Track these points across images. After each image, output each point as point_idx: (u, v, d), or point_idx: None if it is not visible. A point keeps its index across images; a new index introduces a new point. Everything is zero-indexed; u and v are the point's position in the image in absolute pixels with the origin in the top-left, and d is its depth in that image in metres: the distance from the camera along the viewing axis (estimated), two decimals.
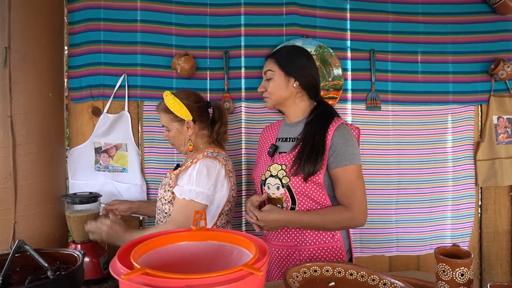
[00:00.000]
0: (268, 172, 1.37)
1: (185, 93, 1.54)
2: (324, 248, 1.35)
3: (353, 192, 1.28)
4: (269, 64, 1.40)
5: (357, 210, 1.28)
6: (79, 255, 1.08)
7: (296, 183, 1.31)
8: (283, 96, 1.39)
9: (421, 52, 2.05)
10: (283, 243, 1.37)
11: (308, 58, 1.43)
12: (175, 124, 1.51)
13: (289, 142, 1.40)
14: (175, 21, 1.92)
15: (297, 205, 1.32)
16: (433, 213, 2.06)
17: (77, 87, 1.90)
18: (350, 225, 1.33)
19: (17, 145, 1.63)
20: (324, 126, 1.32)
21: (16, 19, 1.64)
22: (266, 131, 1.57)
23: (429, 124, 2.05)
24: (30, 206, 1.67)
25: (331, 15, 2.00)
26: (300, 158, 1.29)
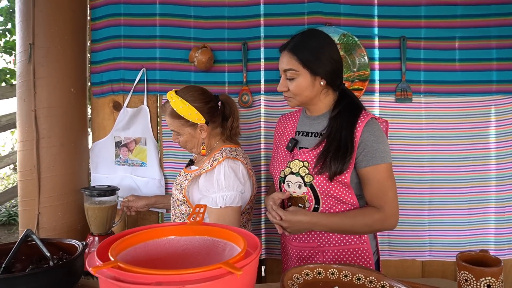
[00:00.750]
0: (288, 169, 1.27)
1: (192, 94, 1.39)
2: (350, 250, 1.26)
3: (385, 193, 1.19)
4: (289, 62, 1.22)
5: (389, 212, 1.18)
6: (79, 245, 1.08)
7: (320, 182, 1.20)
8: (309, 96, 1.25)
9: (459, 38, 1.85)
10: (305, 244, 1.28)
11: (330, 44, 1.26)
12: (187, 129, 1.40)
13: (311, 137, 1.30)
14: (194, 14, 1.89)
15: (321, 205, 1.23)
16: (472, 215, 1.86)
17: (98, 82, 1.93)
18: (381, 228, 1.23)
19: (41, 138, 1.69)
20: (351, 122, 1.21)
21: (40, 16, 1.69)
22: (282, 122, 1.45)
23: (468, 117, 1.85)
24: (53, 198, 1.72)
25: (357, 1, 1.86)
26: (326, 156, 1.19)
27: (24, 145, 1.72)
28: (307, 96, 1.25)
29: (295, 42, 1.24)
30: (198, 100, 1.37)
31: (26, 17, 1.69)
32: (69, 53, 1.77)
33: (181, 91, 1.41)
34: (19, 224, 1.78)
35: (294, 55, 1.21)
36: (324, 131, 1.25)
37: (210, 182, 1.32)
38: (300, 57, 1.20)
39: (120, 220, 1.77)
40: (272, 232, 1.91)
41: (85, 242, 1.10)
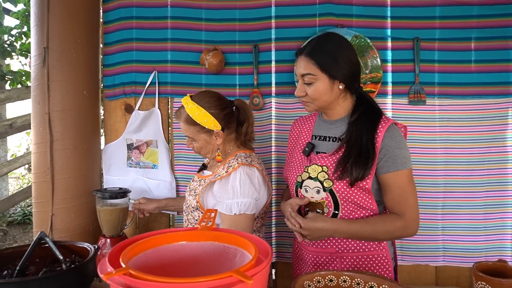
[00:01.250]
0: (306, 174, 1.25)
1: (208, 100, 1.37)
2: (368, 256, 1.24)
3: (406, 199, 1.17)
4: (307, 66, 1.20)
5: (410, 219, 1.17)
6: (91, 248, 1.09)
7: (341, 188, 1.19)
8: (328, 101, 1.23)
9: (475, 38, 1.81)
10: (322, 250, 1.26)
11: (348, 47, 1.24)
12: (203, 136, 1.38)
13: (329, 141, 1.28)
14: (205, 17, 1.89)
15: (340, 211, 1.21)
16: (488, 220, 1.81)
17: (110, 84, 1.95)
18: (403, 235, 1.21)
19: (54, 141, 1.71)
20: (372, 127, 1.19)
21: (54, 20, 1.72)
22: (298, 126, 1.43)
23: (484, 119, 1.81)
24: (66, 200, 1.74)
25: (369, 2, 1.84)
26: (346, 161, 1.17)
27: (38, 147, 1.74)
28: (325, 100, 1.23)
29: (311, 46, 1.22)
30: (214, 107, 1.35)
31: (41, 21, 1.71)
32: (82, 56, 1.78)
33: (197, 96, 1.39)
34: (33, 225, 1.80)
35: (311, 59, 1.19)
36: (343, 136, 1.23)
37: (225, 188, 1.31)
38: (317, 61, 1.18)
39: (132, 222, 1.78)
40: (283, 235, 1.90)
41: (97, 246, 1.11)
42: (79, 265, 0.98)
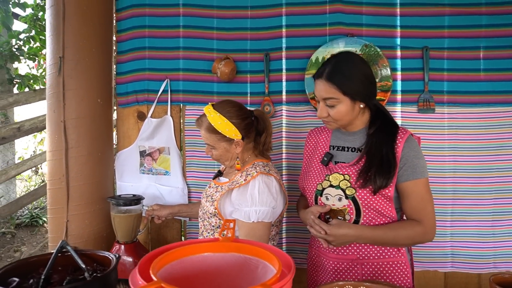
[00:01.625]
0: (327, 182, 1.29)
1: (230, 110, 1.40)
2: (388, 263, 1.28)
3: (425, 206, 1.24)
4: (329, 91, 1.23)
5: (429, 225, 1.24)
6: (113, 258, 1.11)
7: (363, 195, 1.24)
8: (350, 120, 1.29)
9: (484, 48, 1.83)
10: (343, 256, 1.30)
11: (365, 66, 1.29)
12: (223, 144, 1.41)
13: (348, 151, 1.33)
14: (216, 26, 1.92)
15: (362, 218, 1.26)
16: (496, 227, 1.83)
17: (123, 92, 1.98)
18: (422, 241, 1.27)
19: (69, 148, 1.74)
20: (391, 138, 1.25)
21: (69, 30, 1.75)
22: (314, 136, 1.47)
23: (493, 127, 1.83)
24: (80, 206, 1.77)
25: (379, 12, 1.86)
26: (369, 170, 1.23)
27: (54, 154, 1.77)
28: (348, 120, 1.28)
29: (331, 70, 1.24)
30: (235, 117, 1.39)
31: (57, 31, 1.75)
32: (96, 65, 1.82)
33: (219, 106, 1.42)
34: (49, 231, 1.83)
35: (333, 84, 1.23)
36: (362, 146, 1.29)
37: (244, 196, 1.34)
38: (339, 86, 1.22)
39: (145, 228, 1.81)
40: (293, 241, 1.93)
41: (118, 255, 1.13)
42: (104, 274, 1.00)
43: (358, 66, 1.26)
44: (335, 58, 1.29)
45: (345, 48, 1.85)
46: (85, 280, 0.99)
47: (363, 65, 1.28)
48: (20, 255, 3.96)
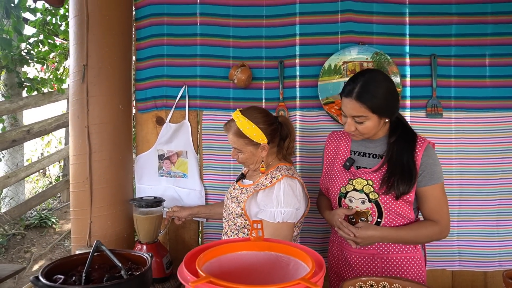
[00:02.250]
0: (350, 186, 1.40)
1: (257, 115, 1.48)
2: (406, 258, 1.40)
3: (441, 208, 1.38)
4: (359, 110, 1.32)
5: (444, 224, 1.38)
6: (148, 257, 1.19)
7: (386, 200, 1.36)
8: (375, 132, 1.40)
9: (490, 55, 1.92)
10: (364, 251, 1.41)
11: (390, 83, 1.38)
12: (250, 148, 1.49)
13: (369, 157, 1.43)
14: (233, 34, 2.00)
15: (383, 219, 1.38)
16: (501, 227, 1.91)
17: (143, 98, 2.06)
18: (438, 238, 1.41)
19: (93, 152, 1.81)
20: (411, 147, 1.37)
21: (93, 39, 1.82)
22: (334, 140, 1.55)
23: (498, 131, 1.91)
24: (103, 208, 1.84)
25: (389, 21, 1.95)
26: (392, 177, 1.34)
27: (77, 158, 1.84)
28: (373, 133, 1.39)
29: (360, 90, 1.32)
30: (262, 122, 1.47)
31: (81, 40, 1.82)
32: (118, 72, 1.89)
33: (247, 112, 1.50)
34: (72, 231, 1.90)
35: (363, 104, 1.31)
36: (383, 153, 1.41)
37: (269, 198, 1.42)
38: (368, 105, 1.31)
39: (166, 229, 1.88)
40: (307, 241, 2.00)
41: (151, 254, 1.21)
42: (142, 272, 1.07)
43: (384, 84, 1.35)
44: (362, 77, 1.35)
45: (357, 56, 1.93)
46: (126, 278, 1.06)
47: (388, 82, 1.37)
48: (31, 256, 4.02)
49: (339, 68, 1.94)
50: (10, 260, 3.90)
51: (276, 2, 1.99)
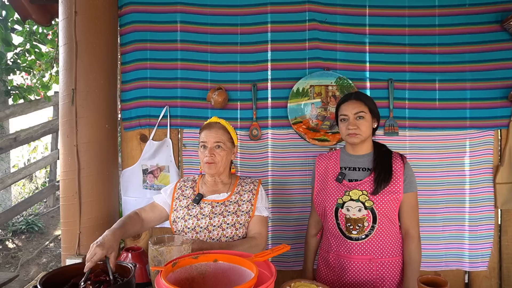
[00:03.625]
0: (347, 197, 1.60)
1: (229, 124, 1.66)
2: (396, 261, 1.62)
3: (414, 214, 1.63)
4: (360, 106, 1.61)
5: (417, 232, 1.64)
6: (131, 267, 1.37)
7: (380, 207, 1.56)
8: (368, 135, 1.63)
9: (439, 80, 2.16)
10: (363, 257, 1.59)
11: None
12: (229, 145, 1.61)
13: (359, 171, 1.65)
14: (210, 59, 2.20)
15: (377, 224, 1.57)
16: (447, 231, 2.16)
17: (128, 117, 2.23)
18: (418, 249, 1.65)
19: (81, 169, 1.98)
20: (388, 156, 1.64)
21: (81, 65, 1.99)
22: (323, 161, 1.75)
23: (446, 148, 2.16)
24: (91, 219, 2.01)
25: (351, 49, 2.17)
26: (377, 179, 1.58)
27: (67, 174, 2.01)
28: (367, 134, 1.63)
29: (358, 93, 1.67)
30: (233, 129, 1.67)
31: (70, 66, 1.98)
32: (104, 94, 2.06)
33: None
34: (62, 241, 2.07)
35: (362, 102, 1.62)
36: (370, 166, 1.64)
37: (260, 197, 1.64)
38: (366, 103, 1.62)
39: None
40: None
41: (135, 263, 1.39)
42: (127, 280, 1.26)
43: (371, 98, 1.68)
44: (355, 92, 1.72)
45: (323, 80, 2.15)
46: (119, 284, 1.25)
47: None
48: (18, 261, 4.12)
49: (307, 91, 2.16)
50: None
51: (250, 30, 2.19)
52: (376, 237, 1.58)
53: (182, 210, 1.62)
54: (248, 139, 2.19)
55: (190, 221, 1.59)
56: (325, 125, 2.17)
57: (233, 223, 1.57)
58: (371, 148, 1.69)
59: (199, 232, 1.58)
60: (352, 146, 1.68)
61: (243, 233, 1.59)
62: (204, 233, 1.57)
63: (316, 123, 2.17)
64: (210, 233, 1.57)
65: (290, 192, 2.19)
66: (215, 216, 1.58)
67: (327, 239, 1.70)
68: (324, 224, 1.72)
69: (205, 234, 1.57)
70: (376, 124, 1.67)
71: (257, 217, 1.60)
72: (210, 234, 1.57)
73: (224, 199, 1.61)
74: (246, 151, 2.20)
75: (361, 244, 1.59)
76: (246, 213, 1.59)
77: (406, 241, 1.63)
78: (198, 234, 1.58)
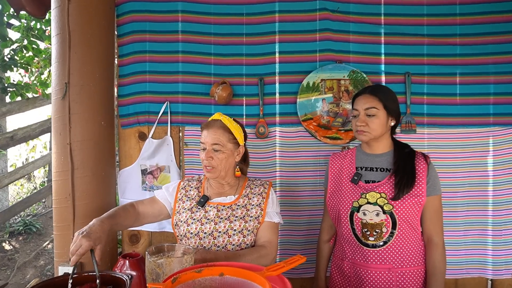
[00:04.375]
0: (364, 200, 1.46)
1: (233, 119, 1.49)
2: (417, 271, 1.47)
3: (438, 219, 1.48)
4: (372, 101, 1.46)
5: (441, 239, 1.48)
6: (127, 279, 1.23)
7: (400, 210, 1.42)
8: (382, 132, 1.48)
9: (460, 74, 2.01)
10: (381, 265, 1.45)
11: (395, 96, 1.54)
12: (230, 146, 1.43)
13: (377, 171, 1.50)
14: (214, 51, 2.05)
15: (397, 230, 1.43)
16: (468, 236, 2.01)
17: (125, 114, 2.09)
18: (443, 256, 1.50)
19: (75, 169, 1.84)
20: (411, 157, 1.49)
21: (74, 57, 1.84)
22: (337, 160, 1.61)
23: (467, 147, 2.01)
24: (86, 223, 1.82)
25: (365, 40, 2.02)
26: (399, 184, 1.42)
27: (60, 175, 1.87)
28: (380, 132, 1.48)
29: (373, 88, 1.51)
30: (239, 125, 1.48)
31: (62, 58, 1.84)
32: (99, 89, 1.91)
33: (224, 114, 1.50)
34: (55, 246, 1.93)
35: (376, 97, 1.47)
36: (390, 167, 1.49)
37: (271, 202, 1.48)
38: (380, 98, 1.47)
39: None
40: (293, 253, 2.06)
41: (131, 275, 1.25)
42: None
43: (391, 91, 1.52)
44: (373, 85, 1.58)
45: (335, 74, 2.00)
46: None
47: (395, 95, 1.54)
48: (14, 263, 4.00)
49: (317, 86, 2.01)
50: None
51: (257, 20, 2.04)
52: (396, 244, 1.43)
53: (185, 213, 1.48)
54: (255, 137, 2.04)
55: (194, 225, 1.45)
56: (337, 122, 2.02)
57: (240, 229, 1.42)
58: (390, 146, 1.54)
59: (202, 238, 1.43)
60: (368, 144, 1.53)
61: (252, 241, 1.44)
62: (208, 239, 1.42)
63: (327, 120, 2.02)
64: (215, 240, 1.42)
65: (300, 194, 2.05)
66: (220, 221, 1.43)
67: (341, 245, 1.55)
68: (338, 229, 1.57)
69: (209, 241, 1.42)
70: (394, 122, 1.51)
71: (267, 224, 1.45)
72: (215, 241, 1.42)
73: (231, 202, 1.46)
74: (252, 150, 2.05)
75: (379, 252, 1.44)
76: (255, 219, 1.44)
77: (429, 249, 1.48)
78: (201, 240, 1.43)
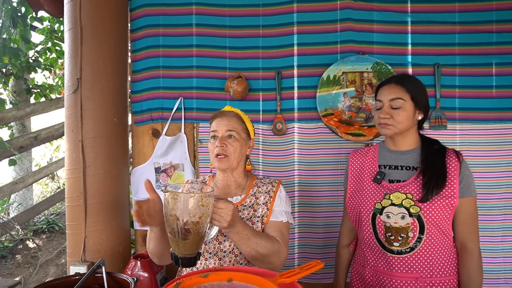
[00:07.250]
0: (387, 201, 1.33)
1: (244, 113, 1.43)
2: (450, 281, 1.32)
3: (473, 223, 1.33)
4: (398, 92, 1.33)
5: (477, 245, 1.33)
6: (131, 282, 1.16)
7: (429, 214, 1.28)
8: (408, 126, 1.35)
9: (496, 64, 1.84)
10: (408, 274, 1.32)
11: (425, 88, 1.40)
12: (244, 136, 1.37)
13: (402, 170, 1.37)
14: (229, 45, 1.96)
15: (425, 235, 1.29)
16: (506, 242, 1.83)
17: (139, 110, 2.04)
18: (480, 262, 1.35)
19: (87, 167, 1.80)
20: (442, 154, 1.34)
21: (87, 52, 1.81)
22: (358, 157, 1.49)
23: (504, 144, 1.83)
24: (97, 222, 1.82)
25: (390, 29, 1.88)
26: (428, 184, 1.28)
27: (72, 172, 1.83)
28: (406, 126, 1.35)
29: (400, 77, 1.38)
30: (248, 118, 1.42)
31: (74, 54, 1.81)
32: (112, 85, 1.87)
33: None
34: (67, 246, 1.89)
35: (402, 87, 1.34)
36: (417, 165, 1.35)
37: (279, 200, 1.37)
38: (407, 88, 1.34)
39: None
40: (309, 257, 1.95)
41: (136, 278, 1.17)
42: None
43: (420, 81, 1.38)
44: (400, 74, 1.43)
45: (357, 66, 1.87)
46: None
47: (424, 87, 1.39)
48: (37, 261, 4.06)
49: (338, 79, 1.88)
50: (16, 265, 3.95)
51: (273, 11, 1.94)
52: (424, 251, 1.29)
53: None
54: (272, 134, 1.94)
55: None
56: (360, 118, 1.89)
57: None
58: (418, 142, 1.39)
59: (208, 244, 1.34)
60: (393, 140, 1.39)
61: None
62: (213, 244, 1.33)
63: (349, 116, 1.89)
64: (220, 245, 1.33)
65: (319, 195, 1.92)
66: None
67: (362, 251, 1.42)
68: (359, 233, 1.44)
69: (214, 246, 1.33)
70: (422, 116, 1.37)
71: (273, 223, 1.31)
72: (221, 246, 1.32)
73: (237, 203, 1.36)
74: (269, 148, 1.95)
75: (405, 259, 1.30)
76: (261, 218, 1.33)
77: (463, 257, 1.32)
78: (206, 246, 1.33)
